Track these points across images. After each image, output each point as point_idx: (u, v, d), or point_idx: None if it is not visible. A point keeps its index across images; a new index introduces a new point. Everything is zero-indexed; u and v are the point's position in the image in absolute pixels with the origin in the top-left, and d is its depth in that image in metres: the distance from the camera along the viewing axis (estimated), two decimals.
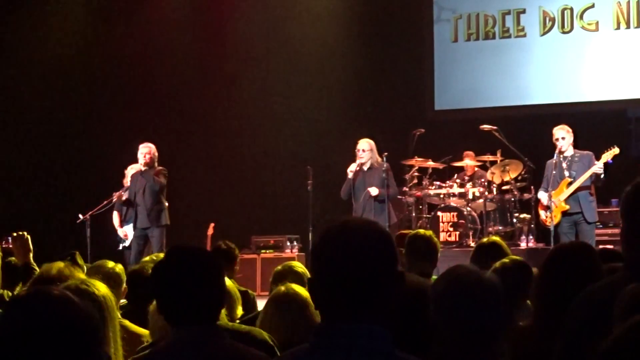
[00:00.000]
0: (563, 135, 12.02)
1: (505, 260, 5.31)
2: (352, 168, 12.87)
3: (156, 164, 12.84)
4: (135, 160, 12.96)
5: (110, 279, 5.26)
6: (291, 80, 16.92)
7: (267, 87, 17.04)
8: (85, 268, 5.55)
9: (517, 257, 5.74)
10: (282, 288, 4.67)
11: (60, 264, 4.87)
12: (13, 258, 6.78)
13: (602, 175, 11.87)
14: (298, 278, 5.42)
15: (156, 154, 12.87)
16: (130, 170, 13.23)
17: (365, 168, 12.88)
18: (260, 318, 4.64)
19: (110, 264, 5.68)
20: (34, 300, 2.23)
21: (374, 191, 12.67)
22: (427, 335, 3.41)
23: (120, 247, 13.39)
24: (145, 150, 12.78)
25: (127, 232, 13.23)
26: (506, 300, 4.71)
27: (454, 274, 3.45)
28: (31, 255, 6.50)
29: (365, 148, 12.87)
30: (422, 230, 7.09)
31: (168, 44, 17.10)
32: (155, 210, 12.70)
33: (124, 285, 5.59)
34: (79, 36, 16.95)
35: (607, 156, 12.00)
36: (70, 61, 16.93)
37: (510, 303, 4.92)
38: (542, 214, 12.29)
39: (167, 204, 12.85)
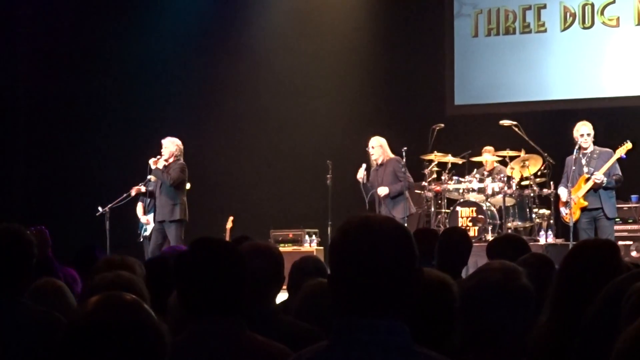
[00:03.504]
0: (589, 132, 11.97)
1: (527, 255, 5.26)
2: (360, 175, 12.99)
3: (181, 158, 12.89)
4: (157, 154, 13.00)
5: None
6: (311, 75, 16.91)
7: (287, 82, 17.03)
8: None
9: (540, 253, 5.70)
10: (317, 280, 4.64)
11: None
12: None
13: (604, 182, 11.78)
14: (316, 271, 5.41)
15: (181, 147, 12.92)
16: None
17: (377, 164, 12.99)
18: (296, 310, 4.58)
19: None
20: (106, 305, 2.22)
21: (382, 191, 12.75)
22: (445, 331, 3.40)
23: (141, 239, 13.49)
24: (169, 145, 12.88)
25: (149, 219, 13.36)
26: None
27: (486, 273, 3.40)
28: (50, 249, 6.50)
29: (374, 145, 13.04)
30: (456, 227, 7.13)
31: (191, 40, 17.11)
32: (169, 205, 12.75)
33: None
34: (103, 29, 16.99)
35: (621, 152, 11.95)
36: (93, 53, 16.98)
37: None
38: (562, 210, 12.26)
39: (185, 198, 12.87)
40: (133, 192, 13.38)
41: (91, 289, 3.89)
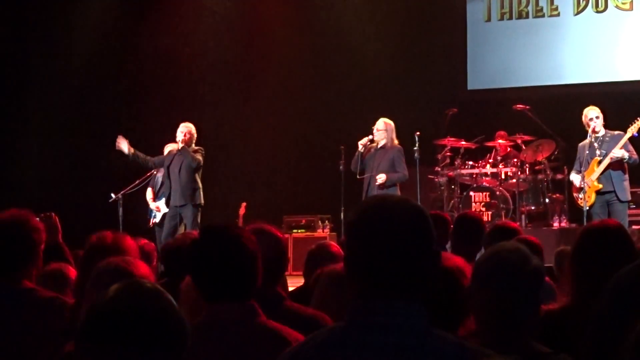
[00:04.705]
0: (597, 115, 11.89)
1: (514, 239, 5.26)
2: (363, 142, 12.77)
3: (194, 144, 12.91)
4: (172, 140, 13.00)
5: (142, 256, 5.26)
6: (324, 60, 16.90)
7: (300, 66, 17.02)
8: None
9: (525, 236, 5.72)
10: (337, 267, 4.61)
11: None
12: None
13: (627, 159, 11.71)
14: (332, 258, 5.40)
15: (195, 134, 12.93)
16: (167, 148, 13.27)
17: (378, 146, 12.79)
18: (317, 298, 4.57)
19: (142, 241, 5.68)
20: (127, 292, 2.22)
21: (380, 179, 12.48)
22: (458, 314, 3.39)
23: (151, 224, 13.47)
24: (185, 130, 12.83)
25: (159, 206, 13.35)
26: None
27: (498, 254, 3.38)
28: (60, 235, 6.50)
29: (380, 127, 12.70)
30: (470, 212, 7.13)
31: (205, 27, 17.10)
32: (190, 189, 12.70)
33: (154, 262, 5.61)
34: (121, 19, 17.01)
35: (633, 129, 11.87)
36: (106, 38, 16.98)
37: None
38: (577, 197, 12.16)
39: (200, 184, 12.90)
40: (156, 173, 13.38)
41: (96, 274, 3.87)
